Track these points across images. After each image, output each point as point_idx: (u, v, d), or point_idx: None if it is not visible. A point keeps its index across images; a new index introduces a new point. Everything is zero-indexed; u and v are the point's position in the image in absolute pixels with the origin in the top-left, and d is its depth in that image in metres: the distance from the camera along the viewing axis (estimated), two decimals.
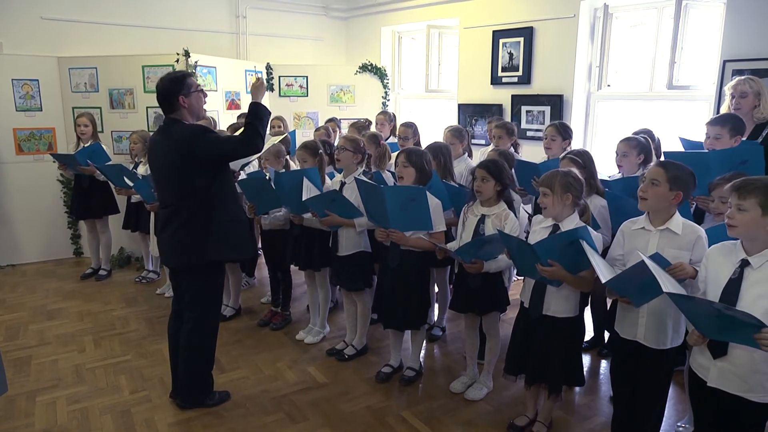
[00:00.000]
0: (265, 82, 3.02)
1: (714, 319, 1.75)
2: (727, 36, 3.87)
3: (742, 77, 3.20)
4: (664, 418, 2.48)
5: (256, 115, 2.75)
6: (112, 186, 4.71)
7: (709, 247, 2.08)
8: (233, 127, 4.45)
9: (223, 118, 5.44)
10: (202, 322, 2.87)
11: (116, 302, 4.47)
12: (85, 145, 4.72)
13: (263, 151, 3.29)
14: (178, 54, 5.08)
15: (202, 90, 2.79)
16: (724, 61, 3.87)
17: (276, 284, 4.10)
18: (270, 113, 2.87)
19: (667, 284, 1.85)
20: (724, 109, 3.28)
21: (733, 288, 1.84)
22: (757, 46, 3.72)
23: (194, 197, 2.71)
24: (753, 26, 3.74)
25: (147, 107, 5.17)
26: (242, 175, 3.87)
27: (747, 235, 1.84)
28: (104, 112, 5.27)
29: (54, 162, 4.96)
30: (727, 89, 3.23)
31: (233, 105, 5.71)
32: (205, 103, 2.85)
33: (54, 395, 3.07)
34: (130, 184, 4.23)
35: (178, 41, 5.42)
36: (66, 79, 5.26)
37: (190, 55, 5.12)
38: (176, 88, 2.69)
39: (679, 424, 2.78)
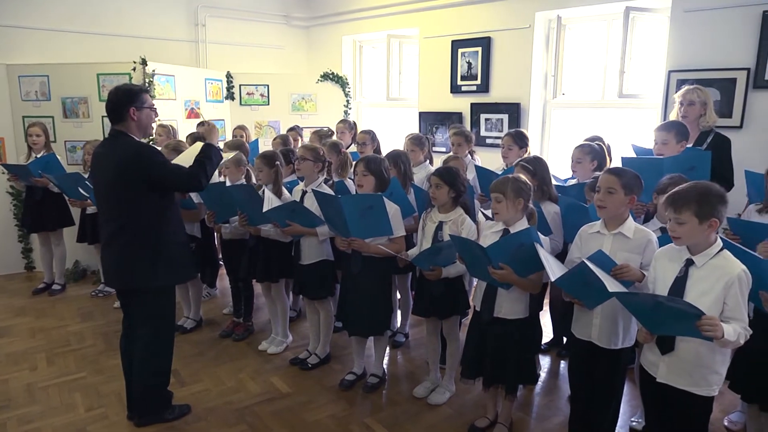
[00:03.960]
0: (215, 124, 3.17)
1: (657, 312, 1.85)
2: (672, 47, 4.05)
3: (691, 86, 3.35)
4: (619, 415, 2.56)
5: (209, 156, 2.82)
6: (66, 197, 4.58)
7: None
8: (192, 137, 4.38)
9: (182, 127, 5.35)
10: (154, 338, 2.81)
11: (71, 317, 4.33)
12: (38, 156, 4.57)
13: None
14: (134, 62, 4.99)
15: (155, 110, 2.79)
16: (669, 72, 4.05)
17: (237, 295, 4.05)
18: (222, 158, 2.95)
19: (611, 284, 1.96)
20: (672, 116, 3.43)
21: (679, 286, 1.96)
22: (699, 58, 3.91)
23: (138, 215, 2.65)
24: (696, 38, 3.92)
25: (102, 116, 5.03)
26: None
27: (690, 243, 1.96)
28: (57, 121, 5.12)
29: (4, 173, 4.78)
30: (677, 97, 3.39)
31: (192, 114, 5.63)
32: (154, 122, 2.84)
33: (4, 416, 2.95)
34: (86, 195, 4.11)
35: (135, 49, 5.31)
36: (15, 87, 5.09)
37: (147, 63, 5.04)
38: (129, 100, 2.65)
39: (632, 419, 2.88)
